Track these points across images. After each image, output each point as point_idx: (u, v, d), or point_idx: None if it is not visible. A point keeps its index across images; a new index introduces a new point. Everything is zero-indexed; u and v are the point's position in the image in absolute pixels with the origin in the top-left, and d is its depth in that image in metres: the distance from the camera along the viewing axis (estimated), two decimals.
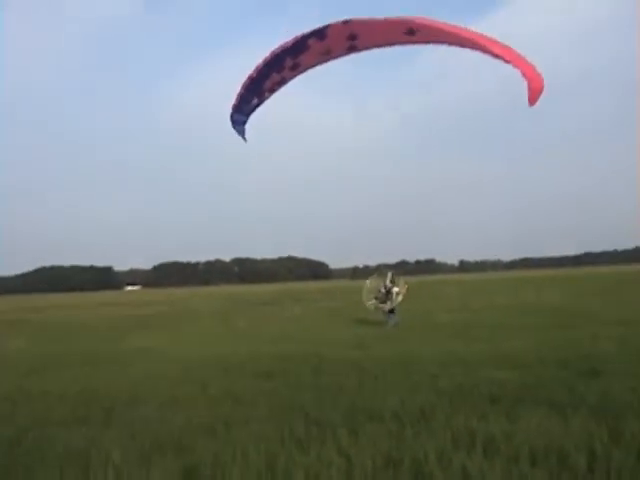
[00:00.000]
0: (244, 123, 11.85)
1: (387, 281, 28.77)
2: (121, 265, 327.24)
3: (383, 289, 28.49)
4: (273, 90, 11.39)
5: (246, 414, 10.67)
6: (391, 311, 27.87)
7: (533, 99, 8.49)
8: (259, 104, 11.63)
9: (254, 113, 11.89)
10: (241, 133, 11.99)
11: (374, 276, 31.19)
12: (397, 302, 28.21)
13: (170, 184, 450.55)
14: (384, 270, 30.97)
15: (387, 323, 27.18)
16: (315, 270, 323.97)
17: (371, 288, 29.99)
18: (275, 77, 11.02)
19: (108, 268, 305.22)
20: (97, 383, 14.90)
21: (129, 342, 25.33)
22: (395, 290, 28.27)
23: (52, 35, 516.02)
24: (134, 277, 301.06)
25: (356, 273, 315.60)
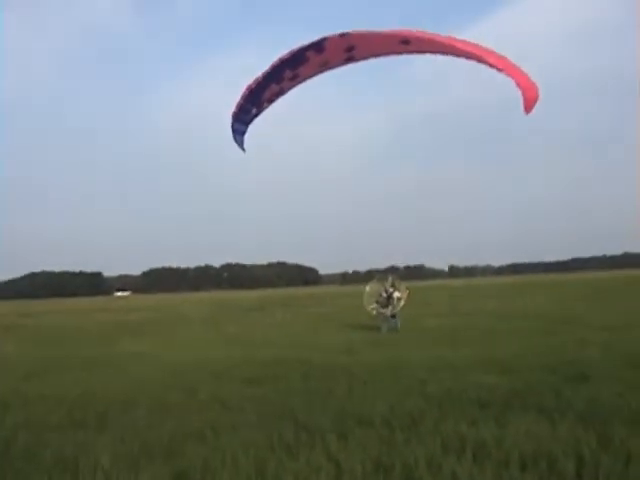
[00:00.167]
0: (243, 133, 11.98)
1: (388, 286, 28.78)
2: (111, 271, 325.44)
3: (384, 294, 28.47)
4: (272, 100, 11.53)
5: (235, 419, 10.64)
6: (392, 316, 27.89)
7: (528, 108, 8.61)
8: (258, 114, 11.74)
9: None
10: (240, 143, 12.13)
11: (374, 281, 31.14)
12: (399, 307, 28.28)
13: (160, 190, 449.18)
14: (384, 275, 30.94)
15: (381, 329, 27.09)
16: (305, 276, 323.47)
17: (372, 293, 29.97)
18: (274, 88, 11.15)
19: (98, 274, 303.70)
20: (91, 387, 14.86)
21: (121, 347, 25.29)
22: (396, 295, 28.30)
23: (49, 36, 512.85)
24: (124, 283, 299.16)
25: (346, 279, 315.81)
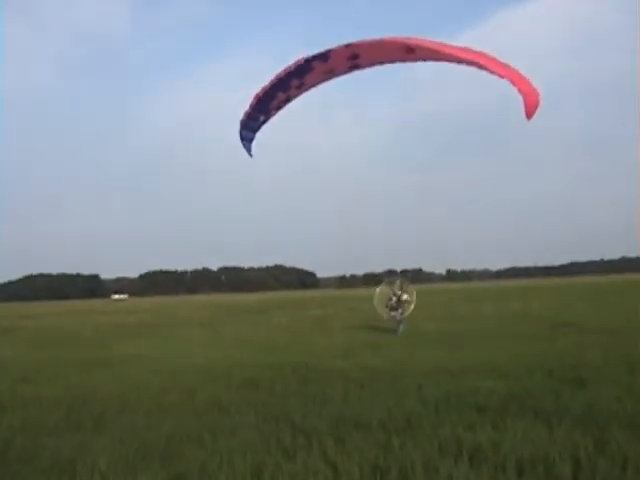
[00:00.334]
0: (251, 140, 12.30)
1: (396, 289, 28.95)
2: (108, 273, 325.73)
3: (394, 297, 28.64)
4: (279, 108, 11.94)
5: (233, 423, 10.63)
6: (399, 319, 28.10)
7: (530, 114, 8.70)
8: (265, 121, 12.06)
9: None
10: (248, 150, 12.43)
11: (383, 284, 31.29)
12: (410, 310, 28.48)
13: (156, 192, 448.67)
14: (393, 278, 31.06)
15: (397, 331, 27.31)
16: (302, 279, 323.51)
17: (381, 297, 30.17)
18: (281, 96, 11.46)
19: (95, 276, 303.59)
20: (89, 390, 14.85)
21: (119, 349, 25.28)
22: (405, 297, 28.49)
23: (48, 38, 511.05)
24: (121, 285, 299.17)
25: (343, 282, 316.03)
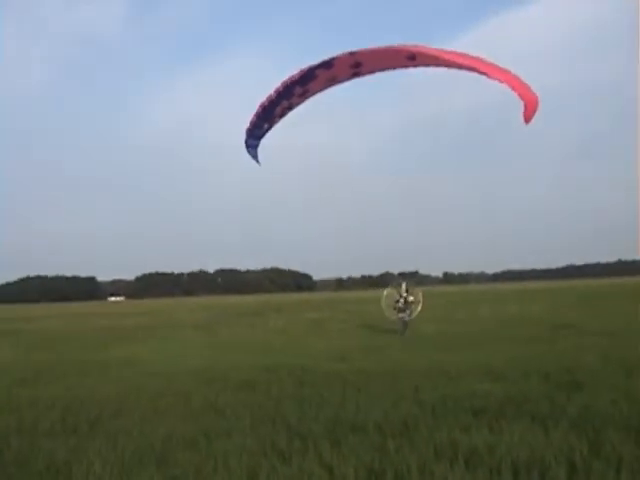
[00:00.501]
0: (256, 147, 12.50)
1: (402, 291, 29.10)
2: (104, 275, 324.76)
3: (402, 299, 28.79)
4: (283, 115, 12.16)
5: (228, 425, 10.61)
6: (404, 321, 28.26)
7: (528, 118, 8.76)
8: (269, 128, 12.24)
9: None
10: (254, 156, 12.65)
11: (389, 287, 31.42)
12: (417, 311, 28.71)
13: (153, 194, 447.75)
14: (399, 281, 31.18)
15: (403, 333, 27.51)
16: (299, 281, 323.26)
17: (388, 299, 30.35)
18: (284, 104, 11.63)
19: (91, 278, 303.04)
20: (84, 392, 14.81)
21: (114, 352, 25.19)
22: (411, 299, 28.66)
23: (46, 40, 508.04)
24: (117, 287, 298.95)
25: (340, 284, 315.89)
